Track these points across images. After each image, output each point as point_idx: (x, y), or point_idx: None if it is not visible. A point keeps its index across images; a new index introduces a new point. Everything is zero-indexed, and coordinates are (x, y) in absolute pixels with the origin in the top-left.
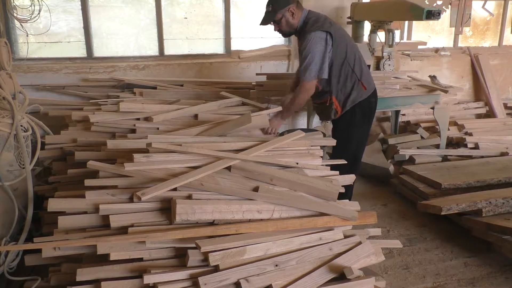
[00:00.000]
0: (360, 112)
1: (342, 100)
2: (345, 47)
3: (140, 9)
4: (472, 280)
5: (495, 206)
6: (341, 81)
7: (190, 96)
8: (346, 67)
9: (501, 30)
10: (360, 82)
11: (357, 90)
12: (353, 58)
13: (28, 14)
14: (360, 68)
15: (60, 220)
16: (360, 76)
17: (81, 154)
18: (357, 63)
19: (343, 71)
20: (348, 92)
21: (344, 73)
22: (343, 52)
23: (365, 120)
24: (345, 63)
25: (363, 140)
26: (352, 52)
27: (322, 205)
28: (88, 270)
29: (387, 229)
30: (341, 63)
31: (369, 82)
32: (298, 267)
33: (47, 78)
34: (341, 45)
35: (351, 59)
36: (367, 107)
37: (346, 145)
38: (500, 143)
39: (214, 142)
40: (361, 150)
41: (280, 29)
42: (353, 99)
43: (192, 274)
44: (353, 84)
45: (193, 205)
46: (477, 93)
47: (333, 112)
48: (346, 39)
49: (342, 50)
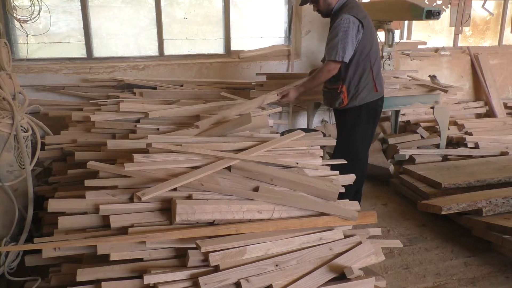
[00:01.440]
0: (367, 113)
1: (351, 93)
2: (370, 44)
3: (140, 9)
4: (473, 280)
5: (495, 205)
6: (357, 74)
7: (190, 96)
8: (366, 62)
9: (501, 29)
10: (374, 82)
11: (369, 89)
12: (374, 57)
13: (28, 14)
14: (378, 70)
15: (60, 220)
16: (375, 77)
17: (81, 154)
18: (377, 64)
19: (362, 65)
20: (360, 88)
21: (362, 67)
22: (368, 47)
23: (370, 122)
24: (367, 59)
25: (366, 141)
26: (375, 51)
27: (322, 205)
28: (88, 270)
29: (387, 229)
30: (363, 57)
31: (381, 86)
32: (298, 267)
33: (47, 78)
34: (368, 40)
35: (373, 57)
36: (374, 109)
37: (349, 144)
38: (500, 143)
39: (214, 142)
40: (364, 151)
41: (319, 9)
42: (363, 97)
43: (193, 274)
44: (367, 82)
45: (193, 205)
46: (477, 92)
47: (339, 101)
48: (374, 37)
49: (368, 45)
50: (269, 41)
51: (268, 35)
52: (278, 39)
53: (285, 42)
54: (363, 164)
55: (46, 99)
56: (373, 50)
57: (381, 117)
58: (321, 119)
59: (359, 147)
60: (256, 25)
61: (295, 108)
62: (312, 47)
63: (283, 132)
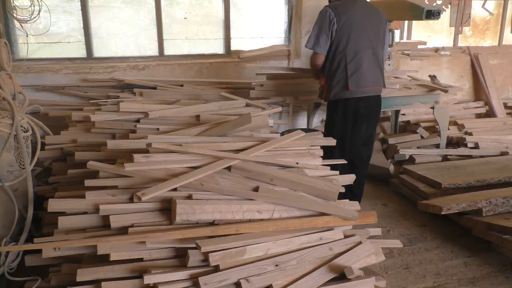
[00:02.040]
0: (343, 111)
1: (328, 87)
2: (347, 40)
3: (140, 10)
4: (473, 280)
5: (495, 205)
6: (332, 68)
7: (190, 96)
8: (341, 58)
9: (501, 29)
10: (347, 80)
11: (340, 86)
12: (352, 55)
13: (28, 14)
14: (356, 68)
15: (60, 220)
16: (349, 75)
17: (81, 154)
18: (355, 62)
19: (337, 59)
20: (334, 83)
21: (336, 62)
22: (344, 43)
23: (348, 123)
24: (342, 54)
25: (343, 142)
26: (353, 49)
27: (322, 205)
28: (88, 270)
29: (387, 229)
30: (339, 52)
31: (358, 85)
32: (298, 267)
33: (47, 78)
34: (346, 35)
35: (350, 54)
36: (352, 109)
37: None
38: (500, 143)
39: (214, 142)
40: (341, 152)
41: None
42: (336, 92)
43: (193, 274)
44: (340, 78)
45: (193, 205)
46: (477, 92)
47: (319, 93)
48: (357, 34)
49: (344, 41)
50: (269, 41)
51: (268, 35)
52: (278, 39)
53: (285, 42)
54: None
55: (46, 99)
56: (350, 47)
57: (381, 117)
58: (321, 119)
59: (335, 147)
60: (256, 25)
61: (295, 108)
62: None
63: (283, 132)
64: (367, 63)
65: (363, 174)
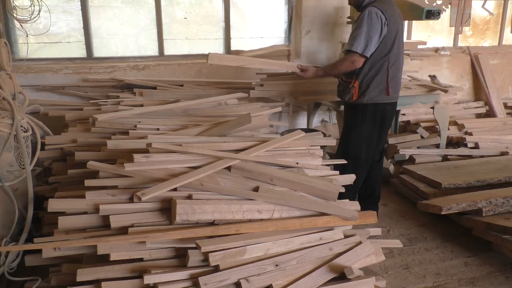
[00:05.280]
0: (372, 114)
1: (362, 89)
2: (391, 44)
3: (140, 9)
4: (473, 280)
5: (495, 205)
6: (372, 71)
7: (190, 96)
8: (384, 62)
9: (501, 29)
10: (387, 84)
11: (380, 90)
12: (394, 59)
13: (28, 14)
14: (395, 72)
15: (60, 220)
16: (389, 79)
17: (81, 154)
18: (395, 66)
19: (379, 63)
20: (371, 87)
21: (378, 66)
22: (389, 47)
23: (376, 125)
24: (385, 58)
25: (368, 144)
26: (395, 53)
27: (322, 205)
28: (89, 270)
29: (387, 229)
30: (382, 55)
31: (395, 90)
32: (298, 267)
33: (47, 78)
34: (390, 39)
35: (392, 58)
36: (381, 113)
37: (351, 142)
38: (500, 143)
39: (214, 142)
40: (365, 154)
41: (350, 2)
42: (372, 96)
43: (193, 274)
44: (380, 82)
45: (193, 205)
46: (477, 92)
47: (349, 96)
48: (398, 39)
49: (389, 45)
50: (269, 41)
51: (268, 35)
52: (278, 39)
53: (285, 42)
54: (363, 168)
55: (46, 99)
56: (393, 51)
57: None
58: (321, 119)
59: (361, 148)
60: (256, 25)
61: (295, 108)
62: (312, 47)
63: (283, 132)
64: (402, 68)
65: (380, 173)
